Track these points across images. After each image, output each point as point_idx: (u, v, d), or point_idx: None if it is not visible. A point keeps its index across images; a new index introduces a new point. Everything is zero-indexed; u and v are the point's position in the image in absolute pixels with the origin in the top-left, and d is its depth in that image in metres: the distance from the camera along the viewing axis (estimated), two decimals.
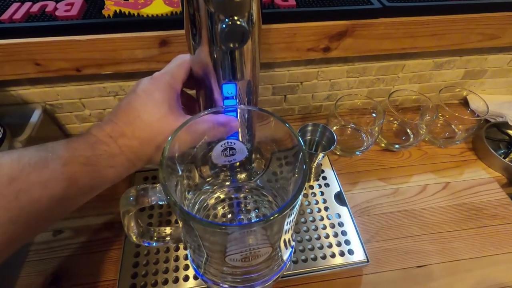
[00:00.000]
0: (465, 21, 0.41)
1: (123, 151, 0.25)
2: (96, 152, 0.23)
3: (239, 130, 0.32)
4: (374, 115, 0.49)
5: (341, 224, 0.38)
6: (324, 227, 0.38)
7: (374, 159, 0.49)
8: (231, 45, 0.16)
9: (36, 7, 0.36)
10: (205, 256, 0.25)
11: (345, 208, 0.40)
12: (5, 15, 0.35)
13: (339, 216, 0.39)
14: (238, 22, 0.16)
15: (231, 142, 0.30)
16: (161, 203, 0.24)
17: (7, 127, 0.39)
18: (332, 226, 0.38)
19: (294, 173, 0.31)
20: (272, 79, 0.47)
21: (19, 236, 0.20)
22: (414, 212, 0.42)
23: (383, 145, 0.50)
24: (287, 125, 0.24)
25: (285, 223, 0.23)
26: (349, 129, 0.51)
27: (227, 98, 0.30)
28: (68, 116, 0.46)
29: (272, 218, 0.19)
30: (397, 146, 0.50)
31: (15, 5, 0.36)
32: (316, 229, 0.38)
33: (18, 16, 0.35)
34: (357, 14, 0.39)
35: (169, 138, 0.24)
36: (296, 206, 0.23)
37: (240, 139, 0.33)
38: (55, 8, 0.36)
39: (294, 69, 0.46)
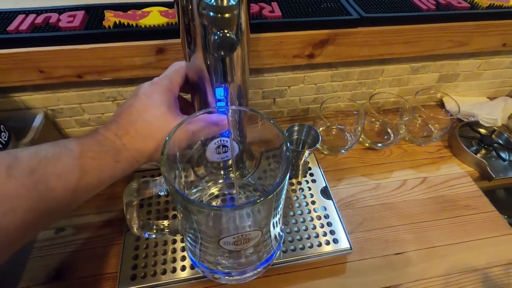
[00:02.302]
0: (435, 29, 0.46)
1: (127, 147, 0.28)
2: (104, 148, 0.26)
3: (231, 128, 0.35)
4: (357, 116, 0.53)
5: (327, 216, 0.42)
6: (311, 219, 0.41)
7: (358, 157, 0.53)
8: (222, 53, 0.20)
9: (40, 19, 0.39)
10: (200, 241, 0.28)
11: (330, 201, 0.43)
12: (12, 26, 0.37)
13: (325, 209, 0.42)
14: (228, 34, 0.19)
15: (224, 140, 0.33)
16: (161, 193, 0.27)
17: (12, 131, 0.41)
18: (319, 218, 0.41)
19: (279, 169, 0.34)
20: (261, 84, 0.50)
21: (35, 224, 0.22)
22: (394, 205, 0.46)
23: (367, 144, 0.54)
24: (272, 121, 0.28)
25: (272, 208, 0.26)
26: (334, 129, 0.55)
27: (219, 100, 0.33)
28: (68, 120, 0.49)
29: (258, 201, 0.22)
30: (379, 144, 0.54)
31: (20, 17, 0.39)
32: (304, 221, 0.41)
33: (24, 27, 0.38)
34: (337, 24, 0.43)
35: (168, 136, 0.27)
36: (282, 192, 0.26)
37: (232, 137, 0.36)
38: (58, 20, 0.39)
39: (282, 74, 0.50)
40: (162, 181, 0.27)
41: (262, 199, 0.22)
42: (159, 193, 0.27)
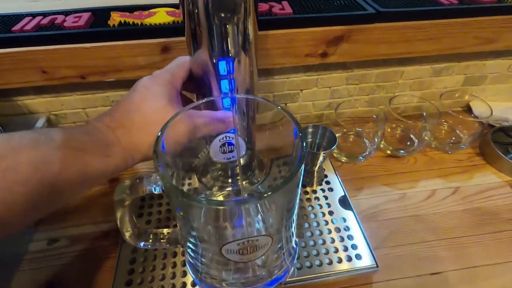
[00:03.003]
0: (459, 24, 0.42)
1: (120, 141, 0.25)
2: (92, 139, 0.23)
3: (237, 126, 0.31)
4: (376, 121, 0.49)
5: (346, 229, 0.37)
6: (329, 232, 0.36)
7: (379, 165, 0.48)
8: (222, 15, 0.17)
9: (46, 20, 0.38)
10: (201, 251, 0.24)
11: (350, 212, 0.38)
12: (17, 27, 0.37)
13: (345, 220, 0.38)
14: None
15: (229, 137, 0.30)
16: (156, 191, 0.23)
17: None
18: (338, 230, 0.36)
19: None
20: (271, 87, 0.48)
21: (6, 220, 0.19)
22: (424, 217, 0.40)
23: (388, 152, 0.49)
24: (283, 110, 0.24)
25: (285, 209, 0.22)
26: (352, 136, 0.51)
27: (225, 94, 0.30)
28: (72, 126, 0.47)
29: (266, 195, 0.18)
30: (402, 151, 0.49)
31: (27, 19, 0.39)
32: (320, 233, 0.36)
33: (28, 27, 0.37)
34: (352, 20, 0.40)
35: (164, 125, 0.24)
36: (297, 188, 0.22)
37: (238, 134, 0.32)
38: (64, 20, 0.38)
39: (293, 76, 0.47)
40: (157, 178, 0.24)
41: (269, 193, 0.18)
42: (154, 191, 0.24)
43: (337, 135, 0.50)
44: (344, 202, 0.40)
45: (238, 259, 0.23)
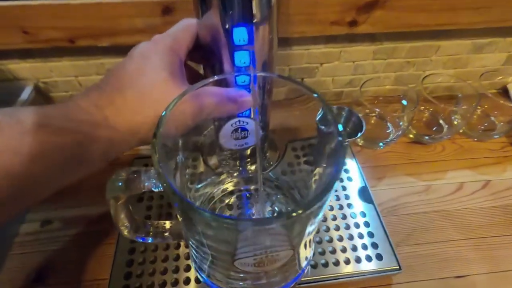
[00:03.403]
0: None
1: (110, 123, 0.20)
2: (74, 123, 0.19)
3: (254, 107, 0.27)
4: (403, 102, 0.43)
5: (366, 224, 0.33)
6: (347, 227, 0.33)
7: (402, 152, 0.43)
8: None
9: None
10: (210, 258, 0.21)
11: (371, 205, 0.35)
12: None
13: (364, 214, 0.34)
14: None
15: (243, 121, 0.25)
16: (156, 189, 0.19)
17: None
18: (357, 226, 0.33)
19: (318, 164, 0.26)
20: (288, 59, 0.42)
21: None
22: (451, 213, 0.36)
23: (411, 136, 0.45)
24: (316, 94, 0.19)
25: (310, 223, 0.18)
26: (374, 117, 0.46)
27: (239, 69, 0.25)
28: (64, 96, 0.42)
29: (295, 214, 0.14)
30: (426, 137, 0.44)
31: None
32: (337, 228, 0.33)
33: None
34: None
35: (165, 110, 0.19)
36: (326, 203, 0.18)
37: (252, 117, 0.28)
38: None
39: (313, 48, 0.41)
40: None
41: (300, 211, 0.14)
42: (154, 189, 0.20)
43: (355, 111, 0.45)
44: (364, 194, 0.36)
45: (252, 270, 0.20)
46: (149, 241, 0.26)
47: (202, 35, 0.25)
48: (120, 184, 0.20)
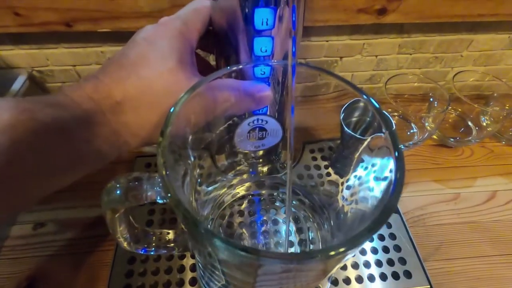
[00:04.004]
0: None
1: (108, 119, 0.17)
2: (62, 118, 0.15)
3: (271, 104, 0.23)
4: (431, 100, 0.40)
5: (392, 237, 0.30)
6: (371, 240, 0.30)
7: (427, 155, 0.40)
8: None
9: None
10: (223, 282, 0.17)
11: (397, 216, 0.32)
12: None
13: (389, 226, 0.31)
14: None
15: (262, 120, 0.22)
16: (160, 201, 0.16)
17: None
18: (381, 238, 0.30)
19: (346, 173, 0.23)
20: (307, 51, 0.38)
21: None
22: (483, 225, 0.33)
23: (435, 137, 0.41)
24: (365, 95, 0.16)
25: (347, 257, 0.15)
26: (396, 117, 0.42)
27: (258, 58, 0.22)
28: (61, 86, 0.39)
29: (333, 253, 0.11)
30: (452, 139, 0.41)
31: None
32: None
33: None
34: None
35: (174, 106, 0.16)
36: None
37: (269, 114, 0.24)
38: None
39: (334, 39, 0.37)
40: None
41: (341, 250, 0.11)
42: (158, 201, 0.16)
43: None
44: None
45: None
46: (151, 253, 0.23)
47: (216, 18, 0.22)
48: (118, 193, 0.16)
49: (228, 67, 0.18)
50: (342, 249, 0.11)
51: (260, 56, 0.21)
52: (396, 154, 0.14)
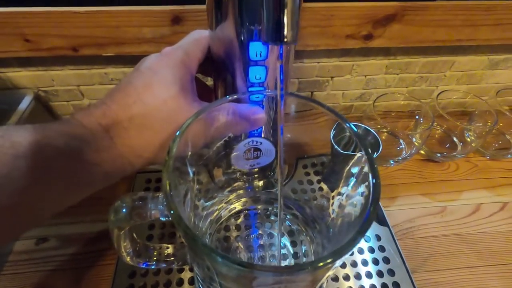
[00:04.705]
0: None
1: (115, 143, 0.18)
2: (74, 143, 0.17)
3: (265, 125, 0.25)
4: (417, 118, 0.42)
5: (381, 249, 0.31)
6: (361, 251, 0.31)
7: (414, 170, 0.42)
8: None
9: None
10: None
11: (385, 228, 0.33)
12: None
13: (379, 238, 0.32)
14: None
15: (257, 142, 0.24)
16: (163, 219, 0.17)
17: None
18: (371, 250, 0.31)
19: (336, 187, 0.25)
20: (299, 72, 0.41)
21: None
22: (469, 237, 0.35)
23: (423, 152, 0.43)
24: (347, 123, 0.18)
25: (335, 266, 0.16)
26: (385, 133, 0.44)
27: (253, 85, 0.23)
28: (64, 105, 0.41)
29: (321, 264, 0.13)
30: (438, 155, 0.43)
31: None
32: (351, 253, 0.31)
33: None
34: None
35: (178, 132, 0.18)
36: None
37: (263, 136, 0.26)
38: None
39: (325, 61, 0.40)
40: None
41: (329, 260, 0.12)
42: (161, 219, 0.18)
43: (372, 129, 0.43)
44: (377, 215, 0.34)
45: None
46: (152, 267, 0.24)
47: (214, 47, 0.24)
48: (124, 211, 0.18)
49: (227, 97, 0.20)
50: (321, 264, 0.12)
51: (254, 82, 0.23)
52: (371, 177, 0.16)
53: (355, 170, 0.21)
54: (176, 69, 0.21)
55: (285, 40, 0.13)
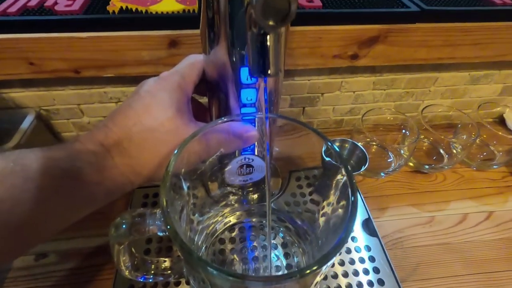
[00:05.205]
0: None
1: (116, 163, 0.20)
2: (79, 164, 0.18)
3: (257, 142, 0.27)
4: (404, 131, 0.44)
5: (372, 259, 0.32)
6: (352, 262, 0.32)
7: (404, 181, 0.43)
8: (270, 23, 0.12)
9: (34, 1, 0.33)
10: None
11: (375, 239, 0.34)
12: None
13: (369, 249, 0.33)
14: None
15: (249, 159, 0.25)
16: (161, 234, 0.19)
17: None
18: (362, 261, 0.32)
19: (325, 197, 0.26)
20: (291, 89, 0.42)
21: None
22: (456, 246, 0.36)
23: (411, 164, 0.45)
24: (329, 143, 0.19)
25: (321, 273, 0.17)
26: (375, 146, 0.46)
27: (245, 105, 0.25)
28: (65, 123, 0.42)
29: (308, 271, 0.14)
30: (427, 166, 0.44)
31: None
32: (342, 263, 0.32)
33: (13, 9, 0.31)
34: (391, 18, 0.35)
35: (176, 151, 0.19)
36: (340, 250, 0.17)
37: (256, 153, 0.28)
38: (55, 3, 0.33)
39: (315, 79, 0.42)
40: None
41: (314, 268, 0.14)
42: (159, 234, 0.19)
43: (359, 143, 0.45)
44: (368, 227, 0.35)
45: None
46: (150, 280, 0.25)
47: (208, 71, 0.25)
48: (124, 227, 0.19)
49: (222, 118, 0.21)
50: (309, 270, 0.14)
51: (246, 103, 0.25)
52: (350, 193, 0.17)
53: (339, 183, 0.22)
54: (173, 92, 0.23)
55: (269, 73, 0.15)
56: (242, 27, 0.20)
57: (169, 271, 0.25)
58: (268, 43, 0.13)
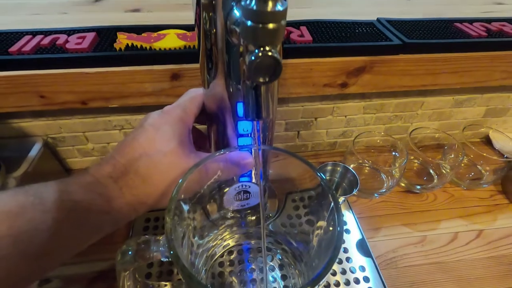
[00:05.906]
0: (487, 58, 0.40)
1: (123, 193, 0.22)
2: (90, 196, 0.20)
3: (254, 169, 0.28)
4: (394, 153, 0.46)
5: (366, 279, 0.34)
6: (348, 283, 0.33)
7: (396, 201, 0.45)
8: (261, 80, 0.14)
9: (47, 40, 0.35)
10: None
11: (369, 259, 0.35)
12: (15, 47, 0.34)
13: (364, 269, 0.35)
14: (270, 53, 0.13)
15: (246, 185, 0.27)
16: (164, 259, 0.20)
17: (5, 161, 0.36)
18: (357, 281, 0.33)
19: (318, 218, 0.28)
20: (285, 115, 0.45)
21: None
22: (448, 265, 0.37)
23: (403, 184, 0.47)
24: (318, 174, 0.21)
25: None
26: (367, 168, 0.48)
27: (241, 135, 0.27)
28: (70, 149, 0.44)
29: None
30: (418, 187, 0.46)
31: (27, 38, 0.36)
32: (337, 284, 0.33)
33: (27, 48, 0.34)
34: (376, 50, 0.38)
35: (180, 181, 0.21)
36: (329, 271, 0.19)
37: (253, 179, 0.30)
38: (66, 41, 0.35)
39: (308, 105, 0.44)
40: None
41: None
42: (162, 259, 0.21)
43: (352, 165, 0.47)
44: (362, 247, 0.37)
45: None
46: None
47: (208, 103, 0.28)
48: (130, 254, 0.21)
49: (221, 151, 0.23)
50: None
51: (243, 133, 0.27)
52: (337, 224, 0.19)
53: (330, 207, 0.24)
54: (175, 125, 0.25)
55: (262, 117, 0.17)
56: (237, 66, 0.22)
57: None
58: (260, 93, 0.15)
